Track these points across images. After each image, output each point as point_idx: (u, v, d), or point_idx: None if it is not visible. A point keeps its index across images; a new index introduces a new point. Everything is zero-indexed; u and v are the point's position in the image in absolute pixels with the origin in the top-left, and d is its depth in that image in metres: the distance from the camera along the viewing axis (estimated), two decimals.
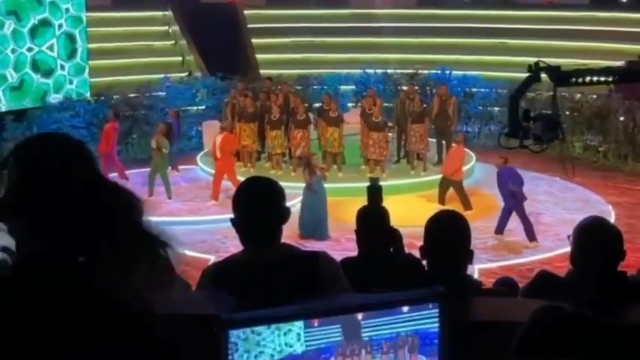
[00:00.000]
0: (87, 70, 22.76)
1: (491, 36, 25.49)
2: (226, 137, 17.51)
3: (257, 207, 3.34)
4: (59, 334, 1.94)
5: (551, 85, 22.18)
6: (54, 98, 21.66)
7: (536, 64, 6.78)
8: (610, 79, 9.44)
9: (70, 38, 22.39)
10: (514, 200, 14.93)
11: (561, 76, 6.86)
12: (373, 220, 4.97)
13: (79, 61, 22.59)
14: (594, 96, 21.56)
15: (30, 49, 21.63)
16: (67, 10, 22.31)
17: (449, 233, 3.62)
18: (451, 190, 16.49)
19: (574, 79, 7.44)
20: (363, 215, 4.92)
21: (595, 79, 8.41)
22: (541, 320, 2.22)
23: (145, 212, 2.11)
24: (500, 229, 15.03)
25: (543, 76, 9.64)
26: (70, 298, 1.97)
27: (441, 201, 16.02)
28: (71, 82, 22.45)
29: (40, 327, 1.93)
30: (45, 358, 1.93)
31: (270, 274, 3.20)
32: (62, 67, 22.28)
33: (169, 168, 18.05)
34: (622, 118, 20.50)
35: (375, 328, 2.48)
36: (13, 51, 21.29)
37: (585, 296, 3.29)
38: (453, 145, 17.47)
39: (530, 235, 14.79)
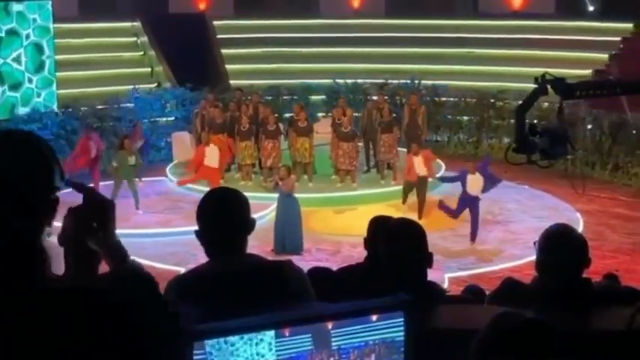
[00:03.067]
0: (55, 84, 22.57)
1: (459, 45, 25.65)
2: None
3: (220, 218, 3.33)
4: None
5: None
6: (22, 112, 21.54)
7: (543, 76, 6.67)
8: (617, 91, 9.41)
9: (38, 49, 22.23)
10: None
11: (568, 89, 6.76)
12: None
13: (46, 74, 22.43)
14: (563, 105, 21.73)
15: None
16: (35, 20, 22.16)
17: (405, 244, 3.62)
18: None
19: (580, 92, 7.35)
20: (375, 224, 4.85)
21: (600, 92, 8.34)
22: (496, 326, 2.23)
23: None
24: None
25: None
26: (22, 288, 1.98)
27: (405, 200, 16.38)
28: (39, 96, 22.29)
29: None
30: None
31: (235, 284, 3.19)
32: (30, 81, 22.14)
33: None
34: (589, 126, 20.69)
35: (344, 337, 2.49)
36: None
37: (550, 303, 3.31)
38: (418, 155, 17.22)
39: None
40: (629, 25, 24.95)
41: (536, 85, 7.20)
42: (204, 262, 3.41)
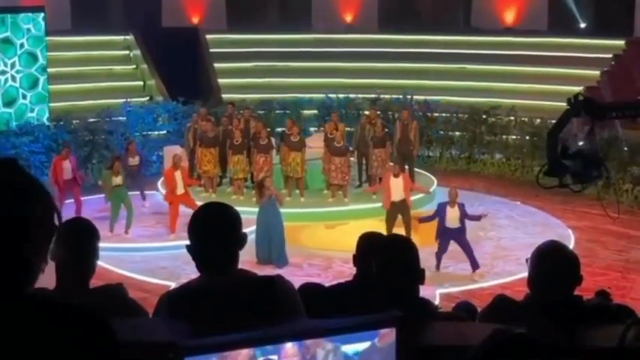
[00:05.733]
0: (48, 99, 22.54)
1: (452, 61, 25.72)
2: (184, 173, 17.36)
3: (212, 233, 3.32)
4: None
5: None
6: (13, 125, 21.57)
7: (575, 96, 6.56)
8: None
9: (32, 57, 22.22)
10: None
11: (599, 110, 6.65)
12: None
13: (40, 91, 22.39)
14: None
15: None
16: (22, 45, 22.15)
17: (398, 261, 3.62)
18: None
19: (613, 113, 7.26)
20: (365, 241, 4.84)
21: (630, 112, 8.22)
22: (484, 343, 2.23)
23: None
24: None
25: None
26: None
27: (391, 229, 15.78)
28: (32, 111, 22.25)
29: None
30: None
31: (226, 300, 3.18)
32: (24, 97, 22.13)
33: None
34: (581, 143, 20.71)
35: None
36: None
37: (541, 320, 3.30)
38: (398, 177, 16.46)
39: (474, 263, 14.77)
40: (621, 42, 25.08)
41: (568, 106, 7.04)
42: (195, 277, 3.40)
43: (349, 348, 2.46)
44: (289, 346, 2.41)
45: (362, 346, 2.46)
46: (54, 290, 3.56)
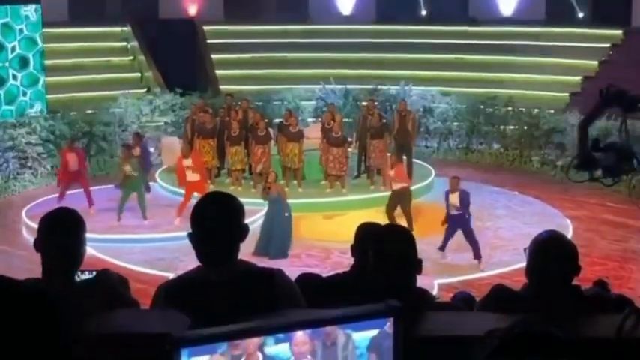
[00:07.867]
0: (41, 82, 22.36)
1: (449, 51, 25.66)
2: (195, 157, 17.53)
3: (215, 224, 3.29)
4: None
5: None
6: (6, 109, 21.44)
7: (607, 88, 6.41)
8: None
9: (24, 61, 22.07)
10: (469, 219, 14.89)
11: (630, 102, 6.53)
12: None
13: (32, 71, 22.22)
14: (551, 111, 21.83)
15: None
16: (22, 30, 21.99)
17: (395, 251, 3.60)
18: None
19: None
20: (362, 231, 4.84)
21: None
22: (497, 337, 2.23)
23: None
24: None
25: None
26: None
27: (392, 218, 15.80)
28: (25, 94, 22.11)
29: None
30: None
31: (226, 291, 3.16)
32: (15, 78, 21.98)
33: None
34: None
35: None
36: None
37: (540, 310, 3.30)
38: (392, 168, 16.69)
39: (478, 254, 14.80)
40: (619, 32, 25.04)
41: (600, 98, 6.90)
42: (194, 267, 3.38)
43: (360, 335, 2.47)
44: (300, 334, 2.42)
45: (373, 333, 2.48)
46: (39, 280, 3.51)
